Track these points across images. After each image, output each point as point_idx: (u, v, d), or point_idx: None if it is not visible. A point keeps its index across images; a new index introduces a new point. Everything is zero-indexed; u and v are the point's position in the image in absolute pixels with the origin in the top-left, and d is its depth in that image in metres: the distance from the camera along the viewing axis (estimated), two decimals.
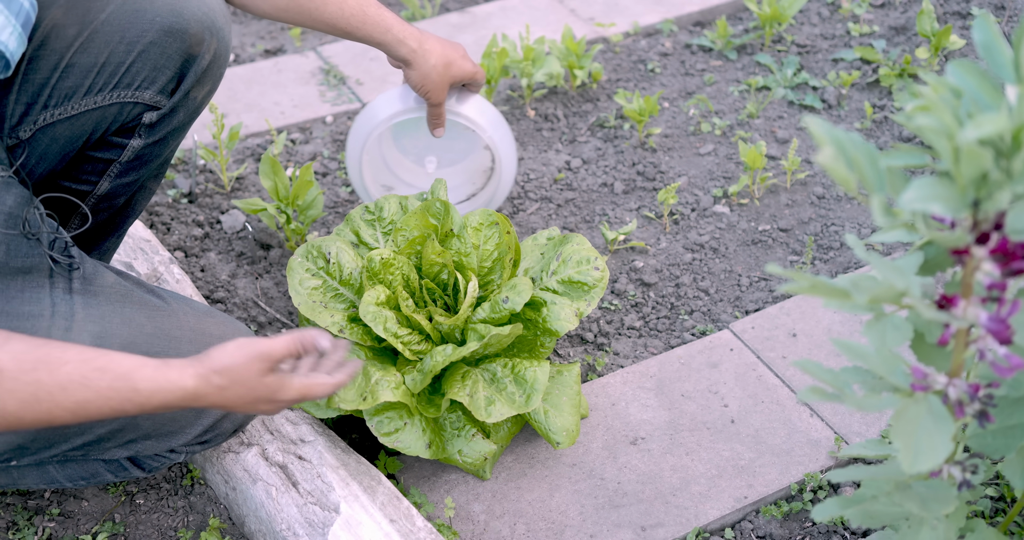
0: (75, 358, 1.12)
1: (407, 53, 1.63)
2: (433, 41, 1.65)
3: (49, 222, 1.37)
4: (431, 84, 1.66)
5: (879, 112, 2.34)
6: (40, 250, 1.33)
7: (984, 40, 0.87)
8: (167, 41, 1.44)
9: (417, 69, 1.65)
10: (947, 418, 0.94)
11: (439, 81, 1.66)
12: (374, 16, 1.59)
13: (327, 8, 1.56)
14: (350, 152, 1.85)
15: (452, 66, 1.66)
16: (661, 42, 2.62)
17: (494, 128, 1.79)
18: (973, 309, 0.92)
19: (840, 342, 0.99)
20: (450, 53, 1.66)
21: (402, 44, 1.62)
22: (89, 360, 1.12)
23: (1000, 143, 0.81)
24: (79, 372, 1.11)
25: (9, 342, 1.09)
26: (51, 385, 1.09)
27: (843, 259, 1.98)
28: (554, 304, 1.57)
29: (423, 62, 1.63)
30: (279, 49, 2.64)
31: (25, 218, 1.32)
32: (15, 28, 1.26)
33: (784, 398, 1.69)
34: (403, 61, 1.65)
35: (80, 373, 1.11)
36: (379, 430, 1.48)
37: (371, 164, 1.94)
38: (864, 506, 1.08)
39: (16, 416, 1.09)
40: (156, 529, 1.51)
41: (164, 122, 1.51)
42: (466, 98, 1.78)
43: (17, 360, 1.08)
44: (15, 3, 1.24)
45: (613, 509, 1.53)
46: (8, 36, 1.26)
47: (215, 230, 2.06)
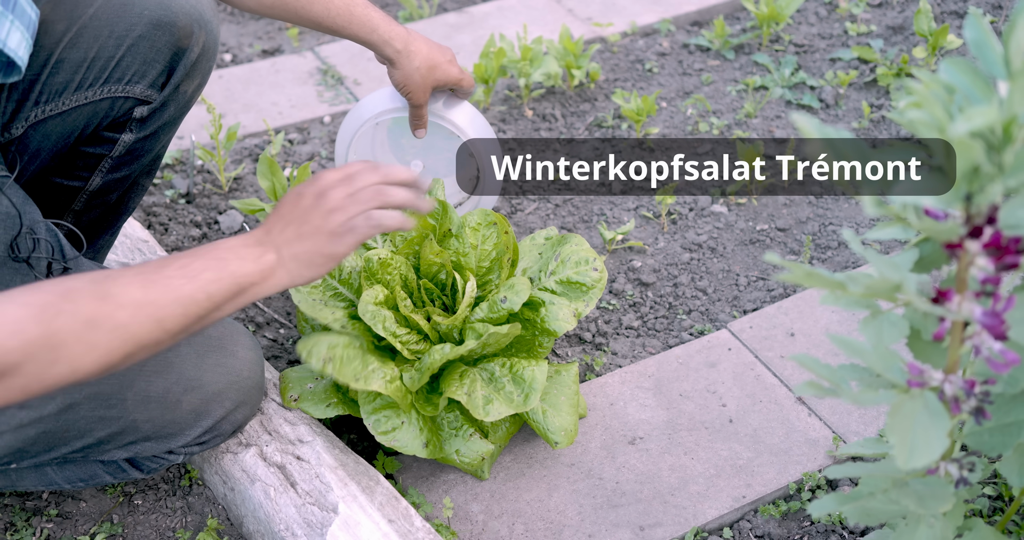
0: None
1: (391, 53, 1.64)
2: (420, 43, 1.66)
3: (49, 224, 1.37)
4: (413, 85, 1.67)
5: (877, 111, 2.35)
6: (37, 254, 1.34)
7: (975, 38, 0.88)
8: (156, 35, 1.45)
9: (400, 69, 1.66)
10: (943, 414, 0.94)
11: (421, 83, 1.67)
12: (360, 16, 1.60)
13: (313, 7, 1.57)
14: (338, 150, 1.86)
15: (436, 69, 1.67)
16: (659, 42, 2.62)
17: (479, 136, 1.79)
18: (968, 304, 0.92)
19: (837, 338, 0.99)
20: (436, 56, 1.67)
21: (387, 44, 1.62)
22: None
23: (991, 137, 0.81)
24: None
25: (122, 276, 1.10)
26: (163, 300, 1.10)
27: (841, 258, 1.98)
28: (552, 304, 1.57)
29: (406, 63, 1.64)
30: (277, 49, 2.64)
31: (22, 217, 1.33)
32: (25, 39, 1.25)
33: (782, 397, 1.69)
34: (387, 60, 1.66)
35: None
36: (376, 428, 1.48)
37: None
38: (861, 503, 1.08)
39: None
40: (154, 530, 1.51)
41: (155, 116, 1.52)
42: (455, 104, 1.79)
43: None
44: (25, 15, 1.24)
45: (611, 509, 1.53)
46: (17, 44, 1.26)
47: (213, 230, 2.06)
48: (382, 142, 1.95)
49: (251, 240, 1.19)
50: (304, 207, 1.22)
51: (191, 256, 1.14)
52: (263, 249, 1.18)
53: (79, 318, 1.03)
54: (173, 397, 1.36)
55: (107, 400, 1.33)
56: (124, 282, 1.08)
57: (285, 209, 1.23)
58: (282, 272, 1.19)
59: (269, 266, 1.18)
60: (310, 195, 1.23)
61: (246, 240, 1.19)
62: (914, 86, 0.85)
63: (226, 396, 1.41)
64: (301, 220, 1.21)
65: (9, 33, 1.19)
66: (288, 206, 1.23)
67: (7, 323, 0.99)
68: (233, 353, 1.43)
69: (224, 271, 1.14)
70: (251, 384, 1.45)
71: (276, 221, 1.22)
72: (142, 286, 1.09)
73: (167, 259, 1.14)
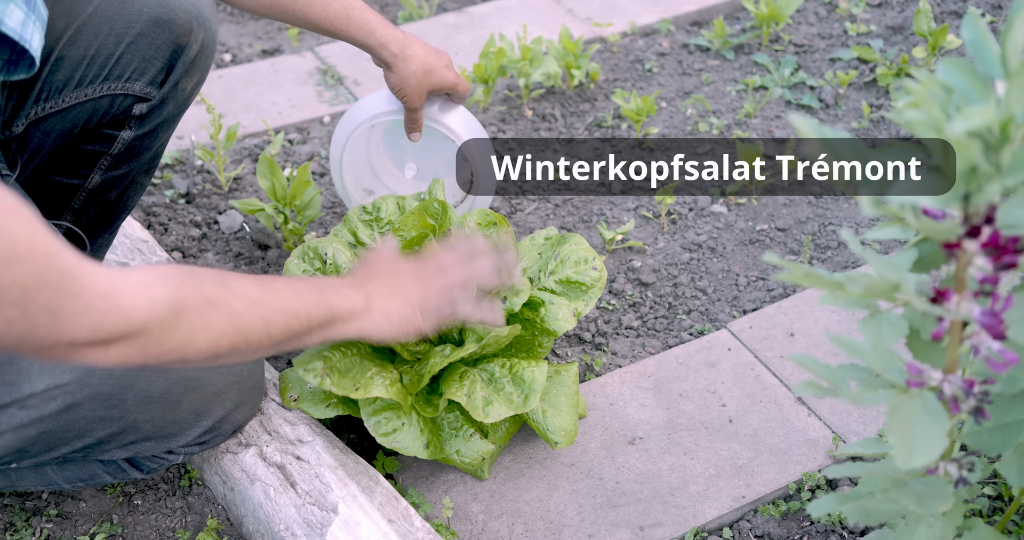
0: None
1: (388, 57, 1.65)
2: (417, 47, 1.66)
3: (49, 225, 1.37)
4: (408, 89, 1.68)
5: (876, 111, 2.35)
6: None
7: (973, 38, 0.88)
8: (155, 32, 1.46)
9: (396, 73, 1.67)
10: (942, 414, 0.94)
11: (417, 87, 1.68)
12: (358, 19, 1.61)
13: (311, 9, 1.58)
14: (333, 151, 1.87)
15: (432, 74, 1.68)
16: (658, 42, 2.62)
17: (473, 140, 1.80)
18: (966, 303, 0.92)
19: (836, 338, 0.99)
20: (433, 61, 1.68)
21: (384, 48, 1.64)
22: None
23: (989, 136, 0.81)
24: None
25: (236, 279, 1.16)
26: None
27: (840, 258, 1.98)
28: (552, 304, 1.57)
29: (402, 67, 1.65)
30: (276, 49, 2.65)
31: None
32: (40, 32, 1.26)
33: (782, 397, 1.69)
34: (384, 64, 1.67)
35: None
36: (377, 430, 1.48)
37: (356, 163, 1.93)
38: (861, 502, 1.08)
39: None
40: (154, 530, 1.51)
41: (154, 113, 1.52)
42: (450, 109, 1.79)
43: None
44: (41, 16, 1.25)
45: (611, 509, 1.53)
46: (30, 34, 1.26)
47: (213, 231, 2.07)
48: (377, 144, 1.95)
49: (348, 282, 1.31)
50: (401, 276, 1.36)
51: (296, 279, 1.25)
52: (358, 293, 1.28)
53: (202, 294, 1.08)
54: (173, 397, 1.37)
55: (108, 400, 1.33)
56: (240, 280, 1.15)
57: (384, 270, 1.37)
58: (368, 318, 1.28)
59: (359, 307, 1.27)
60: (407, 270, 1.38)
61: (344, 281, 1.31)
62: (912, 86, 0.85)
63: (226, 396, 1.41)
64: (395, 283, 1.35)
65: (33, 34, 1.20)
66: (387, 267, 1.38)
67: (136, 284, 1.01)
68: None
69: (324, 298, 1.23)
70: (251, 384, 1.45)
71: (372, 276, 1.35)
72: (255, 286, 1.15)
73: (273, 276, 1.23)
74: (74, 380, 1.27)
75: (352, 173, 1.92)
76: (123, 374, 1.31)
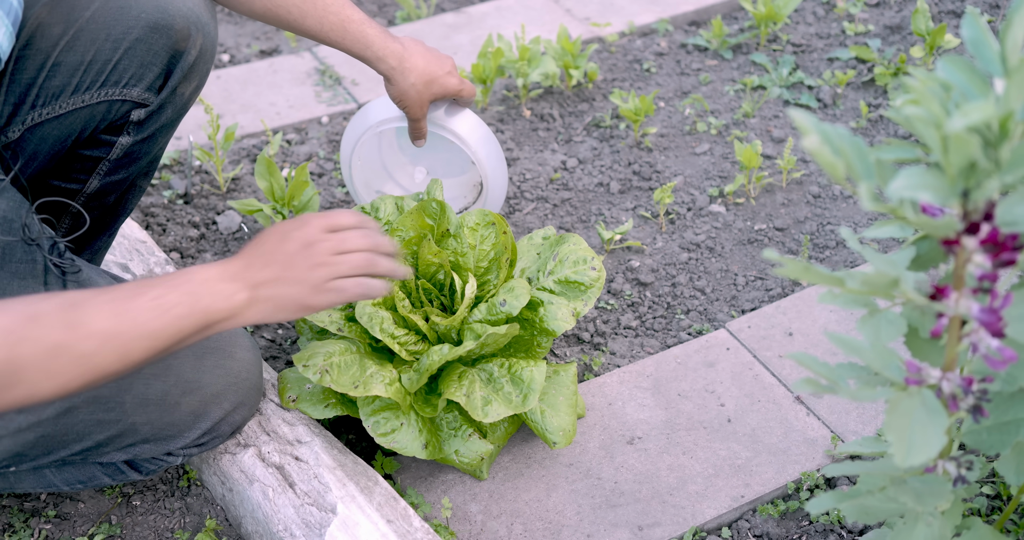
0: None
1: (385, 70, 1.63)
2: (417, 58, 1.64)
3: (45, 228, 1.37)
4: (408, 100, 1.67)
5: (874, 111, 2.35)
6: (34, 255, 1.33)
7: (973, 36, 0.88)
8: (153, 37, 1.44)
9: (395, 86, 1.65)
10: (940, 412, 0.94)
11: (416, 98, 1.66)
12: (354, 32, 1.59)
13: (306, 21, 1.56)
14: (343, 153, 1.86)
15: (433, 84, 1.66)
16: (657, 42, 2.62)
17: (481, 145, 1.79)
18: (965, 300, 0.92)
19: (835, 336, 0.99)
20: (434, 70, 1.66)
21: (381, 61, 1.61)
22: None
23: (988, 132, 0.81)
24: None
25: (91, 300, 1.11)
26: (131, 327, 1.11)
27: (839, 258, 1.98)
28: (551, 304, 1.57)
29: (401, 79, 1.63)
30: (274, 50, 2.64)
31: (25, 223, 1.32)
32: (6, 27, 1.26)
33: (781, 397, 1.69)
34: (383, 76, 1.65)
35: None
36: (375, 430, 1.48)
37: (367, 165, 1.94)
38: (860, 501, 1.08)
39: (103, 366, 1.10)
40: (153, 531, 1.51)
41: (152, 119, 1.51)
42: (456, 113, 1.78)
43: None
44: (6, 2, 1.24)
45: (610, 509, 1.53)
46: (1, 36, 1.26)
47: (211, 231, 2.06)
48: (389, 145, 1.95)
49: (227, 274, 1.19)
50: (288, 251, 1.23)
51: (166, 286, 1.14)
52: (238, 286, 1.19)
53: (43, 345, 1.04)
54: (172, 399, 1.36)
55: (106, 403, 1.33)
56: (94, 310, 1.09)
57: (268, 247, 1.24)
58: (252, 311, 1.20)
59: (240, 304, 1.18)
60: (297, 241, 1.24)
61: (222, 273, 1.19)
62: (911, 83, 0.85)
63: (224, 398, 1.41)
64: (284, 264, 1.22)
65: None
66: (271, 245, 1.24)
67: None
68: (231, 355, 1.42)
69: (196, 307, 1.15)
70: (249, 385, 1.45)
71: (256, 258, 1.22)
72: (112, 315, 1.09)
73: (142, 286, 1.14)
74: None
75: (363, 176, 1.92)
76: (121, 377, 1.31)
